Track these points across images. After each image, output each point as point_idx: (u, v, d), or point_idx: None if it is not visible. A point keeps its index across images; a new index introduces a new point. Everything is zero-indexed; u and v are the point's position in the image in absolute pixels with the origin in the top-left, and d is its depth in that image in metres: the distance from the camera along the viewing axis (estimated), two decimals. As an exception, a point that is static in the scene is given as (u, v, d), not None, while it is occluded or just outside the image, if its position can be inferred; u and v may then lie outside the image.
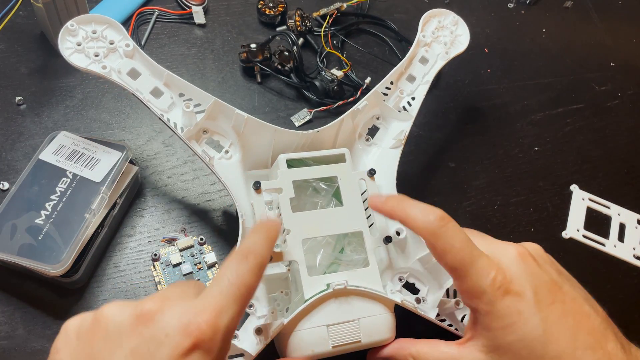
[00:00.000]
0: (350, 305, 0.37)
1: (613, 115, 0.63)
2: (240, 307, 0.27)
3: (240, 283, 0.27)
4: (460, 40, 0.52)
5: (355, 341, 0.37)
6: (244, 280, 0.28)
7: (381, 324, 0.38)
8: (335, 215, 0.41)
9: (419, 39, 0.50)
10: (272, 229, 0.32)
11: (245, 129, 0.43)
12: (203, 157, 0.41)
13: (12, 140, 0.49)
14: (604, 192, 0.57)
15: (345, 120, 0.46)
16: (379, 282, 0.39)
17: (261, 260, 0.29)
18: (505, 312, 0.31)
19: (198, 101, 0.42)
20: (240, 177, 0.43)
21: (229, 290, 0.27)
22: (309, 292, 0.37)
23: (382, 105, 0.48)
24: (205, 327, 0.25)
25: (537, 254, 0.34)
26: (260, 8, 0.60)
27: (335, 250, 0.42)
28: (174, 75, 0.42)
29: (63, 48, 0.40)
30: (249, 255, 0.29)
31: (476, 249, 0.33)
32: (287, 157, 0.42)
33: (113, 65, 0.41)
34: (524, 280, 0.32)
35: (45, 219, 0.41)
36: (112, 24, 0.42)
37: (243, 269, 0.28)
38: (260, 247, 0.30)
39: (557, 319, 0.31)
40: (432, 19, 0.52)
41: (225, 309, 0.26)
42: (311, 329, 0.36)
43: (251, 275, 0.28)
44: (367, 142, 0.48)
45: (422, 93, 0.48)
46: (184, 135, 0.41)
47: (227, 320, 0.26)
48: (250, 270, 0.28)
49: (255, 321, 0.37)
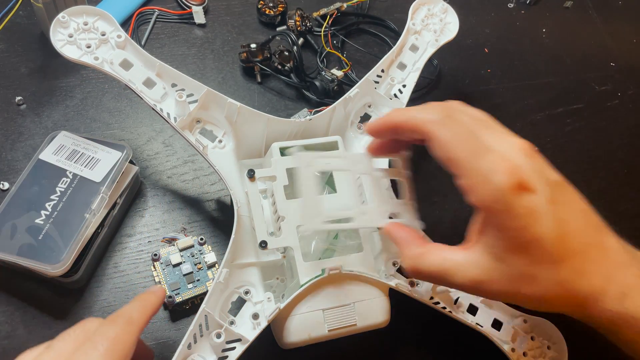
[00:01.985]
0: (346, 290, 0.38)
1: (613, 115, 0.63)
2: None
3: (113, 347, 0.30)
4: (449, 28, 0.52)
5: (351, 324, 0.37)
6: (117, 342, 0.30)
7: (376, 307, 0.38)
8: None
9: (408, 27, 0.50)
10: (150, 298, 0.34)
11: (238, 118, 0.43)
12: (197, 145, 0.41)
13: (12, 140, 0.49)
14: (603, 192, 0.57)
15: (337, 109, 0.46)
16: (373, 266, 0.39)
17: (135, 324, 0.32)
18: (521, 211, 0.29)
19: (191, 91, 0.43)
20: (234, 166, 0.43)
21: (92, 350, 0.29)
22: (305, 277, 0.38)
23: (374, 93, 0.48)
24: None
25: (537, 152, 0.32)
26: (260, 8, 0.60)
27: (330, 237, 0.42)
28: (166, 66, 0.42)
29: (55, 40, 0.41)
30: (121, 319, 0.32)
31: (483, 142, 0.30)
32: (280, 145, 0.42)
33: (105, 57, 0.41)
34: (536, 177, 0.30)
35: (45, 219, 0.41)
36: (103, 15, 0.42)
37: (117, 331, 0.30)
38: (137, 312, 0.32)
39: (567, 218, 0.30)
40: (422, 6, 0.52)
41: None
42: (307, 313, 0.37)
43: (125, 336, 0.31)
44: (359, 129, 0.48)
45: (412, 80, 0.49)
46: (177, 125, 0.41)
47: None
48: (124, 332, 0.31)
49: (252, 307, 0.37)
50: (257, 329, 0.36)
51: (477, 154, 0.30)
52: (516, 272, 0.30)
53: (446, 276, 0.32)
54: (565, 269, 0.30)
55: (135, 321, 0.32)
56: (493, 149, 0.30)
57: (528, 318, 0.41)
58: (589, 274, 0.30)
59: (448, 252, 0.33)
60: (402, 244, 0.35)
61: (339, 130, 0.47)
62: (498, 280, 0.31)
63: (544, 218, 0.29)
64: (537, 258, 0.30)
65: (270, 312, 0.36)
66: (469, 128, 0.31)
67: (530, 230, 0.29)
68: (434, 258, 0.33)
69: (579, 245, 0.30)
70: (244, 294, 0.37)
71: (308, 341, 0.37)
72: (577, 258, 0.30)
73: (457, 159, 0.31)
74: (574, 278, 0.30)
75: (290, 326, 0.37)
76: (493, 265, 0.31)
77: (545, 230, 0.29)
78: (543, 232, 0.29)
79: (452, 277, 0.32)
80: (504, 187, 0.29)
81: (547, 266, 0.30)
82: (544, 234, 0.29)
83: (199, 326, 0.35)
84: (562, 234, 0.30)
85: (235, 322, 0.37)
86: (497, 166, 0.29)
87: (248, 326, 0.37)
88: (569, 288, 0.30)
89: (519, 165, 0.30)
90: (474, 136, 0.31)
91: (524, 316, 0.41)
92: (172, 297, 0.42)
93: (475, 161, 0.30)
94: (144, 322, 0.32)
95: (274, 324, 0.38)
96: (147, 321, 0.33)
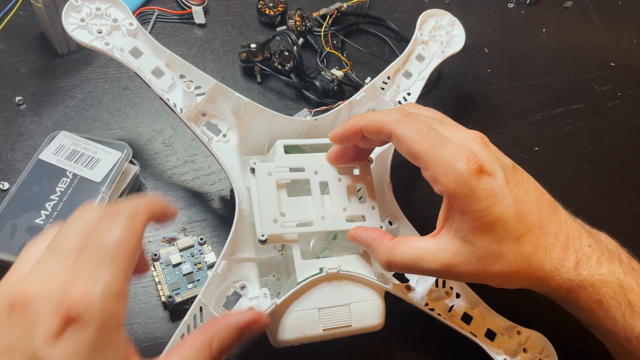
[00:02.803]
0: (342, 290, 0.38)
1: (613, 115, 0.63)
2: (118, 265, 0.25)
3: (111, 241, 0.25)
4: (456, 41, 0.53)
5: (346, 325, 0.37)
6: (114, 238, 0.25)
7: (371, 309, 0.38)
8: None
9: (416, 37, 0.51)
10: (157, 200, 0.29)
11: (244, 113, 0.43)
12: (202, 137, 0.42)
13: (12, 140, 0.49)
14: (604, 192, 0.57)
15: (342, 110, 0.46)
16: (370, 268, 0.40)
17: (137, 218, 0.27)
18: (483, 194, 0.32)
19: (199, 83, 0.43)
20: (236, 162, 0.43)
21: (98, 253, 0.25)
22: (302, 275, 0.38)
23: (379, 98, 0.48)
24: (75, 299, 0.23)
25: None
26: (260, 8, 0.60)
27: (329, 237, 0.42)
28: (175, 56, 0.42)
29: (67, 23, 0.41)
30: (121, 213, 0.27)
31: (441, 135, 0.33)
32: (284, 142, 0.42)
33: (116, 43, 0.42)
34: (493, 162, 0.33)
35: (45, 219, 0.41)
36: (116, 2, 0.43)
37: (113, 226, 0.26)
38: (139, 206, 0.27)
39: (524, 197, 0.33)
40: (430, 18, 0.53)
41: (96, 273, 0.24)
42: (303, 311, 0.37)
43: (126, 232, 0.26)
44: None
45: (417, 89, 0.49)
46: (183, 116, 0.41)
47: (102, 286, 0.24)
48: (122, 227, 0.26)
49: (247, 302, 0.37)
50: None
51: (438, 145, 0.32)
52: (483, 252, 0.33)
53: (418, 263, 0.34)
54: (527, 243, 0.33)
55: (140, 213, 0.27)
56: (451, 140, 0.33)
57: (521, 330, 0.41)
58: (547, 246, 0.33)
59: (419, 241, 0.35)
60: (371, 243, 0.37)
61: None
62: (467, 261, 0.33)
63: (504, 198, 0.32)
64: (501, 236, 0.32)
65: (266, 308, 0.36)
66: (427, 124, 0.34)
67: (493, 210, 0.32)
68: (405, 248, 0.35)
69: (536, 221, 0.33)
70: (240, 289, 0.37)
71: (302, 339, 0.37)
72: (536, 232, 0.33)
73: (420, 152, 0.33)
74: (535, 250, 0.33)
75: (285, 323, 0.37)
76: (461, 247, 0.33)
77: (505, 210, 0.32)
78: (504, 211, 0.32)
79: (425, 264, 0.34)
80: (465, 172, 0.32)
81: (511, 242, 0.32)
82: (505, 213, 0.32)
83: (194, 317, 0.35)
84: (520, 211, 0.33)
85: None
86: (457, 155, 0.32)
87: None
88: (532, 260, 0.33)
89: (477, 152, 0.33)
90: (432, 130, 0.33)
91: (517, 327, 0.41)
92: (172, 297, 0.42)
93: (437, 152, 0.32)
94: (150, 216, 0.28)
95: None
96: (153, 218, 0.28)
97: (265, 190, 0.39)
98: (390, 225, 0.43)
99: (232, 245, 0.38)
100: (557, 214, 0.35)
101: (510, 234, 0.32)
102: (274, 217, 0.38)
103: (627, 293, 0.34)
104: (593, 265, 0.34)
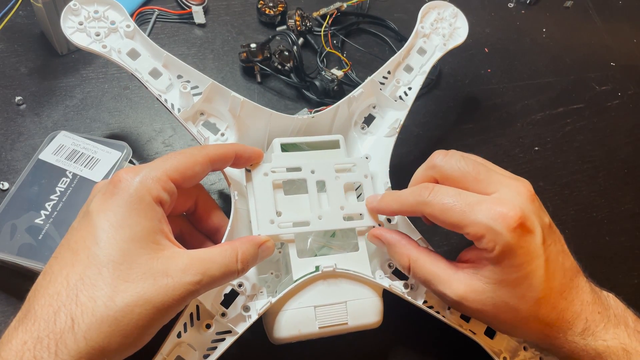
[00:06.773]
0: (339, 288, 0.38)
1: (613, 115, 0.63)
2: (188, 157, 0.34)
3: (191, 151, 0.34)
4: (459, 33, 0.52)
5: (342, 323, 0.37)
6: (195, 150, 0.35)
7: (369, 307, 0.38)
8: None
9: (417, 30, 0.50)
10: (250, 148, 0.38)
11: (241, 112, 0.43)
12: (198, 137, 0.42)
13: (12, 140, 0.49)
14: (604, 192, 0.57)
15: (341, 107, 0.46)
16: (367, 266, 0.39)
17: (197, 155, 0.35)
18: (520, 251, 0.32)
19: (196, 83, 0.43)
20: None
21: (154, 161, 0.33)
22: (298, 273, 0.38)
23: (379, 94, 0.48)
24: (116, 178, 0.31)
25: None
26: (260, 8, 0.60)
27: (326, 235, 0.42)
28: (172, 57, 0.42)
29: (65, 27, 0.41)
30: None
31: (470, 197, 0.34)
32: (281, 141, 0.42)
33: (113, 45, 0.42)
34: (534, 220, 0.33)
35: (45, 219, 0.41)
36: (113, 5, 0.43)
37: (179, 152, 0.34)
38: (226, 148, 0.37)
39: (554, 259, 0.34)
40: (432, 10, 0.52)
41: (141, 168, 0.32)
42: (299, 309, 0.37)
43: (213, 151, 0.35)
44: (363, 130, 0.48)
45: (418, 83, 0.49)
46: (180, 116, 0.41)
47: (141, 174, 0.31)
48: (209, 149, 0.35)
49: (244, 300, 0.37)
50: (248, 321, 0.36)
51: (468, 212, 0.33)
52: (501, 301, 0.34)
53: (434, 282, 0.36)
54: (544, 305, 0.34)
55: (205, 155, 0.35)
56: (482, 200, 0.33)
57: None
58: (562, 311, 0.34)
59: (443, 263, 0.36)
60: (396, 244, 0.38)
61: (342, 130, 0.47)
62: (481, 302, 0.34)
63: (537, 258, 0.33)
64: (523, 293, 0.33)
65: (262, 306, 0.36)
66: (452, 192, 0.34)
67: (525, 268, 0.33)
68: (429, 263, 0.36)
69: (558, 285, 0.34)
70: (237, 287, 0.37)
71: (298, 337, 0.37)
72: (556, 296, 0.34)
73: (453, 223, 0.34)
74: (549, 313, 0.34)
75: (281, 320, 0.37)
76: (480, 288, 0.34)
77: (536, 269, 0.33)
78: (535, 271, 0.33)
79: (439, 285, 0.35)
80: (505, 231, 0.32)
81: (530, 301, 0.33)
82: (535, 272, 0.33)
83: (190, 315, 0.35)
84: (548, 274, 0.33)
85: (226, 314, 0.37)
86: (494, 214, 0.32)
87: (239, 319, 0.37)
88: (544, 322, 0.34)
89: (522, 207, 0.33)
90: (459, 196, 0.34)
91: None
92: (172, 297, 0.42)
93: (469, 217, 0.33)
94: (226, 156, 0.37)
95: (265, 318, 0.38)
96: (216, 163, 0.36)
97: (261, 191, 0.39)
98: (389, 222, 0.43)
99: (228, 241, 0.38)
100: (577, 279, 0.35)
101: (533, 293, 0.33)
102: (271, 218, 0.38)
103: (632, 357, 0.34)
104: (600, 331, 0.34)
